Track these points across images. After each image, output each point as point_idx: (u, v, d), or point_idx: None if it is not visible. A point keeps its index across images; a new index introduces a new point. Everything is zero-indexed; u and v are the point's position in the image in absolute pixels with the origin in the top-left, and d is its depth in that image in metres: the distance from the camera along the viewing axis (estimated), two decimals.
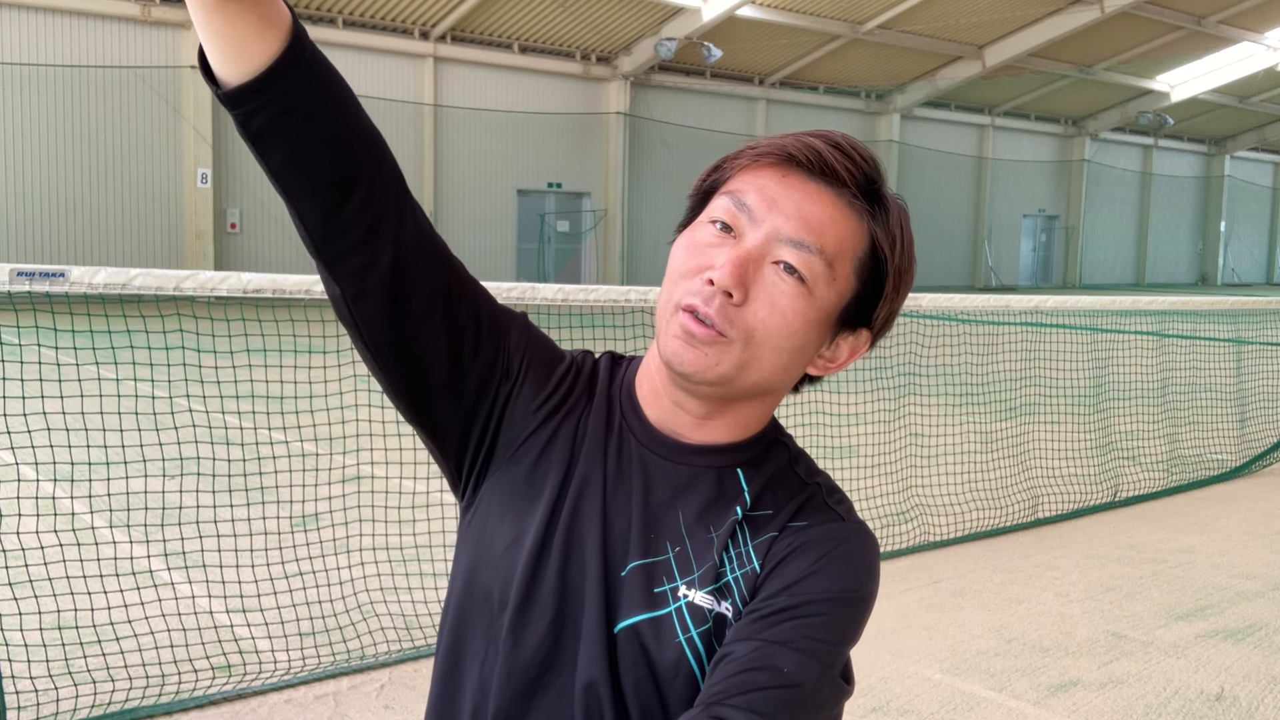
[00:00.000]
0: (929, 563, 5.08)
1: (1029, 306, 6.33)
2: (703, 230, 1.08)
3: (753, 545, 1.10)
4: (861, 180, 1.07)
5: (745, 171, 1.08)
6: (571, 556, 1.12)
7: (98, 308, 3.96)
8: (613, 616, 1.11)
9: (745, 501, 1.12)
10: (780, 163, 1.06)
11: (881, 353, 7.18)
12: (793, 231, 1.04)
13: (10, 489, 4.66)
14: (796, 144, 1.06)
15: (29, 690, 3.28)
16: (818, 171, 1.05)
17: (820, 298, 1.06)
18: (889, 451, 6.01)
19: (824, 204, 1.05)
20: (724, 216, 1.06)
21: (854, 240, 1.07)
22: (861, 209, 1.07)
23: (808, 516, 1.12)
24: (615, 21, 23.41)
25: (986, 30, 26.32)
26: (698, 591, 1.09)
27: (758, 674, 1.00)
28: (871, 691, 3.56)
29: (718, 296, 1.04)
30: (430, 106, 22.58)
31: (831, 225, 1.05)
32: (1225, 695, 3.63)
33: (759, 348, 1.06)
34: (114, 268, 3.34)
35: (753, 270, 1.04)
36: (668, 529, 1.12)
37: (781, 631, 1.03)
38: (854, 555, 1.09)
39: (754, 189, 1.06)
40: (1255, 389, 8.48)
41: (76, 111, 18.54)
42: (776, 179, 1.06)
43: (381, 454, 4.79)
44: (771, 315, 1.05)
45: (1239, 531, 5.84)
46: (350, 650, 3.71)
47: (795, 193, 1.05)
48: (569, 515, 1.13)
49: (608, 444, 1.16)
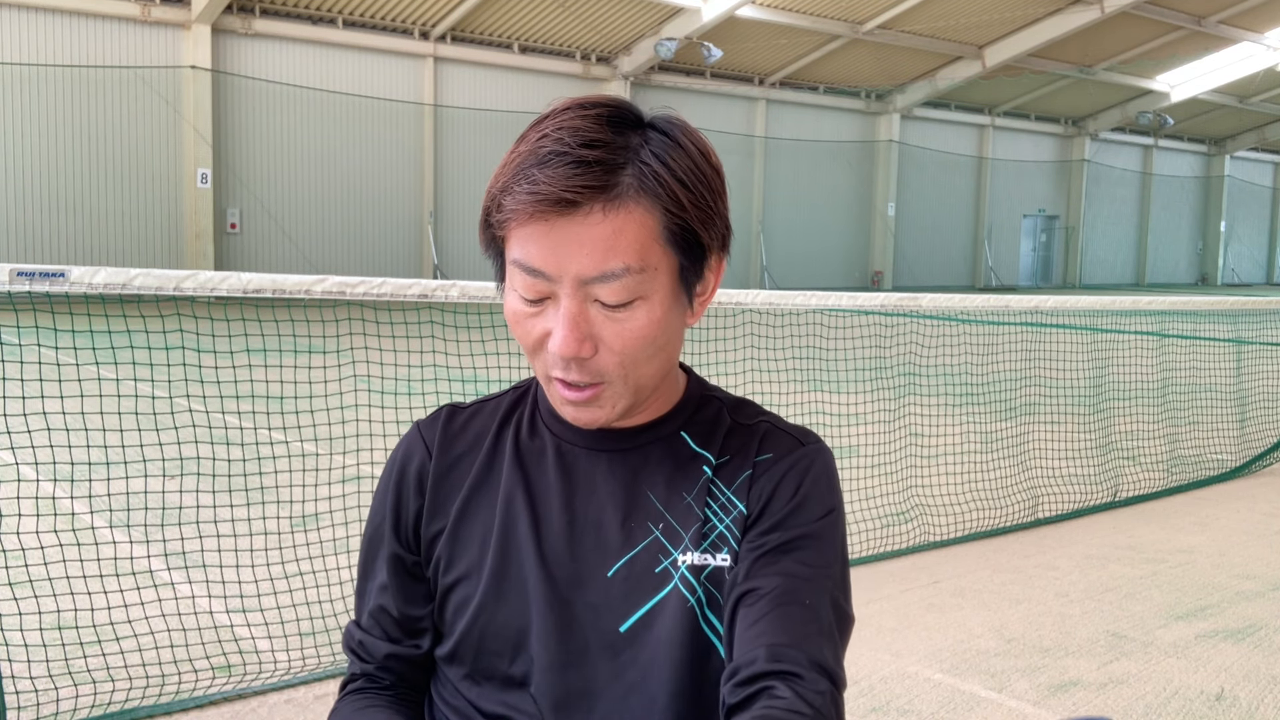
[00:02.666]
0: (929, 563, 5.08)
1: (1029, 306, 6.32)
2: (516, 302, 1.07)
3: (731, 491, 1.15)
4: (609, 170, 1.01)
5: (512, 230, 1.04)
6: (553, 576, 1.14)
7: (98, 308, 3.96)
8: (616, 618, 1.12)
9: (708, 459, 1.16)
10: (536, 214, 1.01)
11: (881, 353, 7.19)
12: (592, 268, 1.01)
13: (10, 489, 4.66)
14: (534, 194, 1.00)
15: (29, 690, 3.28)
16: (569, 204, 1.00)
17: (656, 293, 1.05)
18: (889, 451, 6.01)
19: (598, 224, 1.01)
20: (527, 293, 1.05)
21: (646, 227, 1.03)
22: (630, 192, 1.02)
23: (770, 449, 1.16)
24: (615, 21, 23.41)
25: (986, 30, 26.32)
26: (692, 553, 1.13)
27: (790, 608, 1.06)
28: (871, 691, 3.56)
29: (571, 362, 1.05)
30: (430, 106, 22.57)
31: (616, 236, 1.01)
32: (1225, 695, 3.63)
33: (634, 370, 1.08)
34: (114, 268, 3.34)
35: (585, 324, 1.04)
36: (645, 511, 1.15)
37: (790, 565, 1.09)
38: (823, 477, 1.16)
39: (532, 247, 1.03)
40: (1255, 389, 8.48)
41: (76, 111, 18.53)
42: (542, 227, 1.02)
43: (381, 454, 4.78)
44: (627, 345, 1.05)
45: (1239, 531, 5.83)
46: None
47: (569, 229, 1.01)
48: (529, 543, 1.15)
49: (547, 462, 1.18)
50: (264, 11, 20.34)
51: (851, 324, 6.94)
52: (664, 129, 1.06)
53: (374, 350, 5.19)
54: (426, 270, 22.56)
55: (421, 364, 4.95)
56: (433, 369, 5.03)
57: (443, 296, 4.04)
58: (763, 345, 6.21)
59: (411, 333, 5.35)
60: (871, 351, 7.00)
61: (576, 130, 1.02)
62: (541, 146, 1.02)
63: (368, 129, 21.88)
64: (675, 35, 23.33)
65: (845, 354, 6.52)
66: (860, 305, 5.49)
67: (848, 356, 6.47)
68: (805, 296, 5.02)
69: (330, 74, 21.24)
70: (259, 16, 20.25)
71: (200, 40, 19.38)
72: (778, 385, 5.93)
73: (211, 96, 19.64)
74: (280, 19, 20.52)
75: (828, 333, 6.47)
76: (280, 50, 20.64)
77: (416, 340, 5.19)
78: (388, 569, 1.22)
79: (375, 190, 22.05)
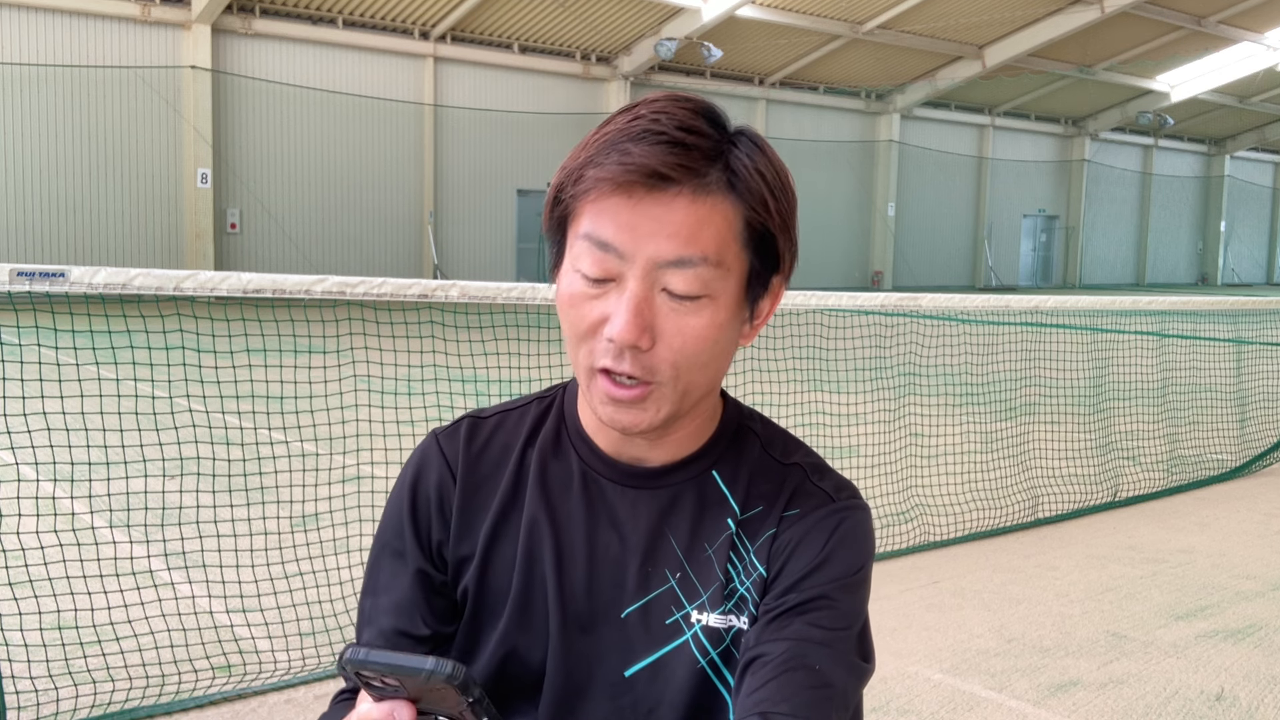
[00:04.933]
0: (929, 563, 5.08)
1: (1029, 306, 6.33)
2: (576, 282, 1.02)
3: (754, 551, 1.09)
4: (704, 158, 0.99)
5: (589, 203, 1.00)
6: (568, 612, 1.10)
7: (98, 308, 3.95)
8: (623, 661, 1.09)
9: (734, 510, 1.11)
10: (621, 186, 0.98)
11: (881, 353, 7.19)
12: (670, 252, 0.98)
13: (10, 489, 4.66)
14: (628, 166, 0.97)
15: (29, 690, 3.28)
16: (661, 179, 0.97)
17: (723, 295, 1.02)
18: (889, 451, 6.01)
19: (684, 208, 0.98)
20: (593, 270, 1.00)
21: (729, 224, 1.00)
22: (719, 186, 1.00)
23: (799, 504, 1.10)
24: (615, 21, 23.41)
25: (986, 30, 26.32)
26: (710, 614, 1.08)
27: (795, 674, 1.00)
28: (871, 691, 3.56)
29: (626, 351, 0.99)
30: (430, 106, 22.57)
31: (701, 225, 0.99)
32: (1225, 695, 3.63)
33: (687, 374, 1.02)
34: (114, 268, 3.34)
35: (649, 312, 0.99)
36: (665, 557, 1.10)
37: (803, 628, 1.03)
38: (851, 535, 1.09)
39: (607, 222, 0.98)
40: (1255, 389, 8.47)
41: (76, 111, 18.53)
42: (625, 203, 0.98)
43: (381, 454, 4.79)
44: (686, 343, 1.00)
45: (1239, 531, 5.83)
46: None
47: (653, 208, 0.98)
48: (551, 575, 1.11)
49: (572, 491, 1.13)
50: (264, 11, 20.33)
51: (851, 324, 6.94)
52: (751, 138, 1.05)
53: (374, 350, 5.19)
54: (426, 270, 22.56)
55: (421, 364, 4.95)
56: (433, 369, 5.03)
57: (443, 296, 4.04)
58: (762, 345, 6.21)
59: (411, 333, 5.35)
60: (871, 351, 7.00)
61: (673, 115, 1.00)
62: (635, 126, 0.99)
63: (368, 129, 21.88)
64: (675, 35, 23.33)
65: (845, 354, 6.52)
66: (860, 305, 5.49)
67: (848, 356, 6.46)
68: (805, 296, 5.02)
69: (330, 74, 21.24)
70: (259, 16, 20.25)
71: (200, 40, 19.38)
72: (778, 385, 5.93)
73: (211, 96, 19.64)
74: (280, 19, 20.52)
75: (828, 333, 6.47)
76: (280, 50, 20.64)
77: (416, 340, 5.19)
78: (414, 585, 1.15)
79: (375, 190, 22.04)
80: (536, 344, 5.20)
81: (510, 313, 5.10)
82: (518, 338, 5.13)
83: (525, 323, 5.24)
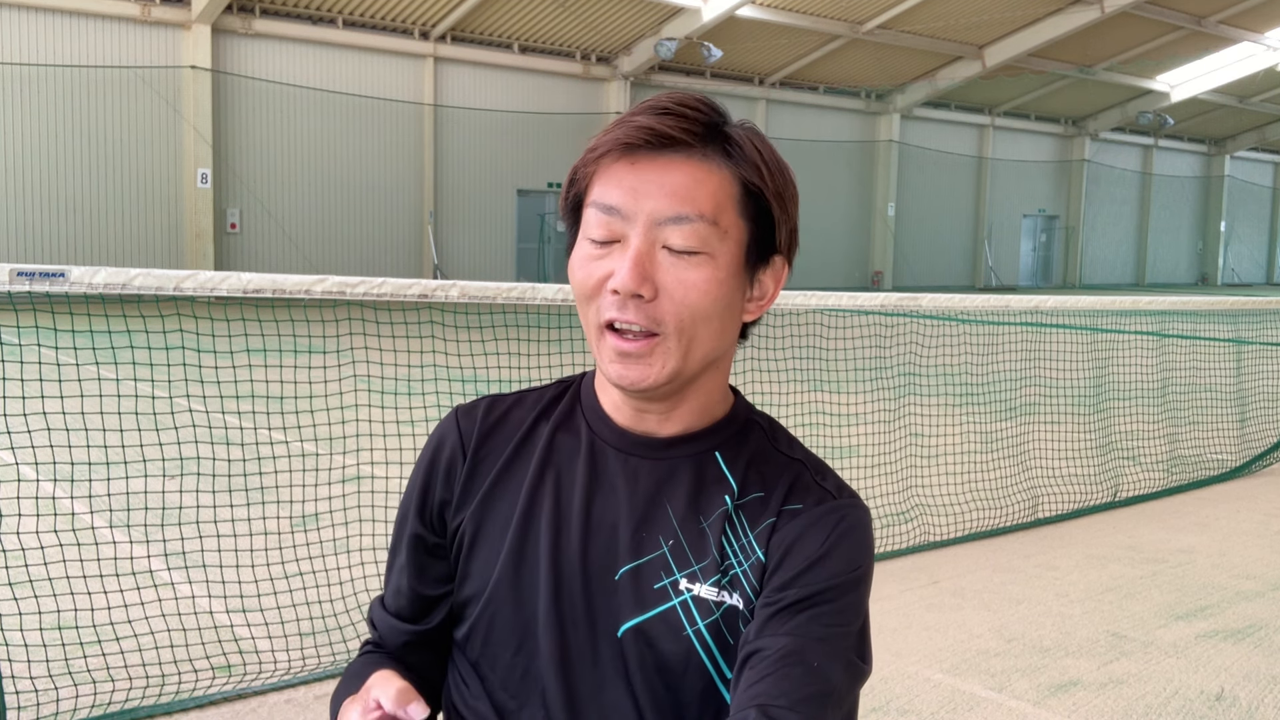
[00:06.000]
0: (929, 563, 5.08)
1: (1029, 306, 6.33)
2: (584, 246, 1.10)
3: (753, 535, 1.12)
4: (703, 130, 1.08)
5: (597, 175, 1.10)
6: (562, 570, 1.14)
7: (98, 308, 3.95)
8: (614, 620, 1.12)
9: (732, 489, 1.14)
10: (624, 153, 1.08)
11: (881, 352, 7.19)
12: (668, 209, 1.06)
13: (10, 489, 4.66)
14: (630, 129, 1.07)
15: (29, 690, 3.28)
16: (660, 145, 1.07)
17: (721, 255, 1.08)
18: (889, 451, 6.01)
19: (681, 170, 1.07)
20: (599, 233, 1.09)
21: (724, 188, 1.08)
22: (716, 155, 1.08)
23: (800, 498, 1.13)
24: (615, 21, 23.41)
25: (986, 30, 26.32)
26: (702, 584, 1.11)
27: (792, 669, 1.02)
28: (871, 691, 3.56)
29: (630, 301, 1.06)
30: (430, 106, 22.57)
31: (698, 185, 1.07)
32: (1225, 695, 3.63)
33: (691, 327, 1.08)
34: (114, 268, 3.34)
35: (650, 265, 1.06)
36: (659, 524, 1.13)
37: (802, 624, 1.06)
38: (851, 534, 1.12)
39: (612, 187, 1.08)
40: (1255, 389, 8.47)
41: (76, 111, 18.53)
42: (628, 169, 1.08)
43: (381, 454, 4.79)
44: (688, 294, 1.07)
45: (1239, 531, 5.83)
46: (350, 650, 3.70)
47: (651, 172, 1.07)
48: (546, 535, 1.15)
49: (579, 459, 1.18)
50: (264, 11, 20.33)
51: (851, 324, 6.94)
52: (751, 126, 1.14)
53: (374, 350, 5.19)
54: (426, 270, 22.56)
55: (421, 364, 4.95)
56: (433, 369, 5.03)
57: (443, 296, 4.04)
58: (763, 345, 6.20)
59: (411, 333, 5.35)
60: (871, 351, 7.00)
61: (674, 97, 1.10)
62: (642, 107, 1.09)
63: (368, 129, 21.88)
64: (675, 35, 23.33)
65: (845, 354, 6.51)
66: (860, 305, 5.49)
67: (848, 356, 6.46)
68: (805, 296, 5.02)
69: (330, 74, 21.24)
70: (259, 16, 20.25)
71: (200, 40, 19.38)
72: (777, 385, 5.93)
73: (211, 96, 19.64)
74: (280, 19, 20.52)
75: (828, 333, 6.47)
76: (280, 50, 20.64)
77: (416, 340, 5.19)
78: (408, 548, 1.24)
79: (375, 190, 22.04)
80: (536, 344, 5.20)
81: (510, 313, 5.11)
82: (518, 338, 5.13)
83: (525, 323, 5.24)
